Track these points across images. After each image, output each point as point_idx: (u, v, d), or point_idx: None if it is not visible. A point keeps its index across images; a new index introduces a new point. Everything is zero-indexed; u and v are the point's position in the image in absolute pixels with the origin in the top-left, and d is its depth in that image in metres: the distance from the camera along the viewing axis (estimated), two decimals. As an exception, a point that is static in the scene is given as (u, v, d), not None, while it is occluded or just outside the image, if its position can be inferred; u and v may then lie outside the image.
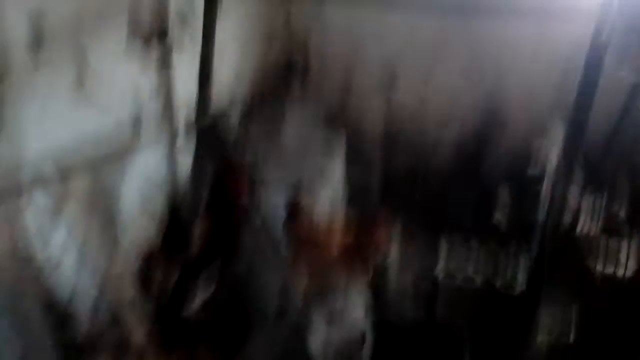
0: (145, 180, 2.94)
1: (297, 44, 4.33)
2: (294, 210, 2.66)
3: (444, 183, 4.16)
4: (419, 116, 4.26)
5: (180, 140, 2.90)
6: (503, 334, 2.53)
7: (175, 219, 3.19)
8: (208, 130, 2.81)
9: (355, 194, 3.89)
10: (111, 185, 2.72)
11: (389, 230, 2.36)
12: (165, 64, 2.98)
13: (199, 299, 2.43)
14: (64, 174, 2.09)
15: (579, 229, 2.55)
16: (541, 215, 2.53)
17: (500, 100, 4.00)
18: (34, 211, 2.27)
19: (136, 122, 2.80)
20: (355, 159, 4.43)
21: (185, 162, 3.10)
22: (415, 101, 4.22)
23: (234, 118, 3.73)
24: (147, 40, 2.82)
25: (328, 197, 3.39)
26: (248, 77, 3.88)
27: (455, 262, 2.88)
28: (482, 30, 3.79)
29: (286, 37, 4.32)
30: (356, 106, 4.40)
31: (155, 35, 2.87)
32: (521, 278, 2.72)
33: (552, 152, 2.34)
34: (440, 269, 2.86)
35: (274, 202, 3.05)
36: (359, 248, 2.42)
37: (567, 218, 2.33)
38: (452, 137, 4.20)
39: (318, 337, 2.55)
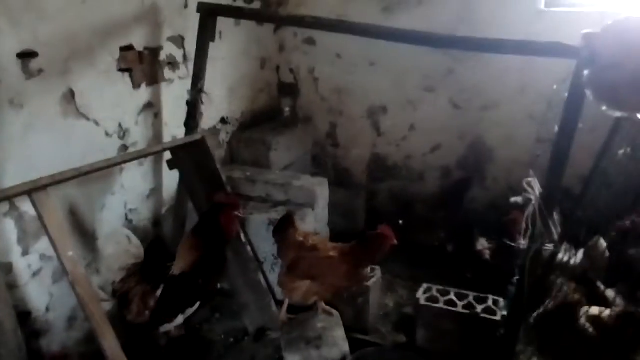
0: (131, 194, 2.93)
1: (289, 67, 4.41)
2: (287, 218, 2.64)
3: (429, 209, 4.19)
4: (407, 143, 4.33)
5: (168, 155, 2.89)
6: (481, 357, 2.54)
7: (159, 234, 3.17)
8: (196, 146, 2.81)
9: (341, 216, 3.91)
10: (96, 197, 2.72)
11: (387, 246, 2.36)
12: (156, 80, 3.01)
13: (180, 317, 2.39)
14: (49, 183, 2.07)
15: (559, 256, 2.58)
16: (523, 243, 2.56)
17: (486, 131, 4.09)
18: (16, 219, 2.25)
19: (124, 135, 2.81)
20: (342, 182, 4.47)
21: (171, 177, 3.12)
22: (403, 128, 4.29)
23: (224, 135, 3.76)
24: (139, 56, 2.85)
25: (314, 218, 3.39)
26: (240, 97, 3.92)
27: (437, 285, 2.88)
28: (470, 62, 3.90)
29: (279, 61, 4.39)
30: (345, 130, 4.47)
31: (148, 52, 2.92)
32: (503, 304, 2.73)
33: (535, 182, 2.37)
34: (422, 291, 2.86)
35: (259, 220, 3.05)
36: (354, 261, 2.41)
37: (548, 246, 2.34)
38: (438, 164, 4.28)
39: (297, 356, 2.52)
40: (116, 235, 2.54)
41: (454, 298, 2.78)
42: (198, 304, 2.42)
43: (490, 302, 2.74)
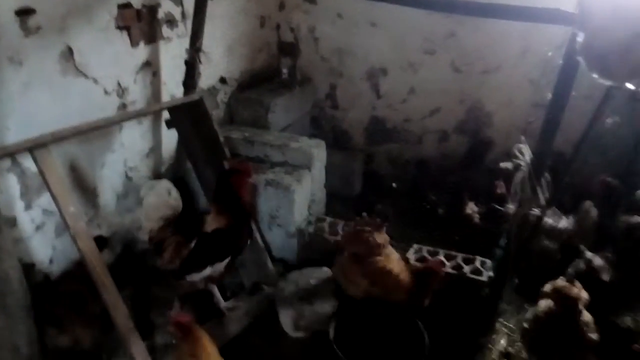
0: (130, 152, 2.98)
1: (289, 26, 4.36)
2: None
3: (425, 171, 4.24)
4: (406, 106, 4.33)
5: (166, 114, 2.93)
6: (466, 317, 2.64)
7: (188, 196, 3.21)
8: (194, 106, 2.84)
9: (338, 178, 3.96)
10: (97, 155, 2.77)
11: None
12: (154, 38, 3.00)
13: (209, 269, 2.48)
14: (50, 140, 2.13)
15: (547, 221, 2.65)
16: (512, 207, 2.62)
17: (485, 95, 4.08)
18: (18, 174, 2.32)
19: (123, 94, 2.84)
20: (340, 144, 4.51)
21: (170, 136, 3.16)
22: (403, 91, 4.29)
23: (222, 95, 3.77)
24: (137, 14, 2.84)
25: (310, 179, 3.44)
26: (239, 56, 3.90)
27: (427, 246, 2.97)
28: (472, 25, 3.85)
29: (279, 19, 4.34)
30: (344, 92, 4.47)
31: (146, 10, 2.90)
32: (489, 265, 2.82)
33: (525, 148, 2.41)
34: (412, 252, 2.95)
35: (257, 180, 3.10)
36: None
37: (535, 211, 2.40)
38: (437, 128, 4.29)
39: (290, 311, 2.64)
40: (158, 187, 2.62)
41: (442, 258, 2.87)
42: (228, 259, 2.53)
43: (477, 263, 2.83)
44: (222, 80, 3.72)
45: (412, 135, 4.40)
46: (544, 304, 2.32)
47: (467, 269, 2.79)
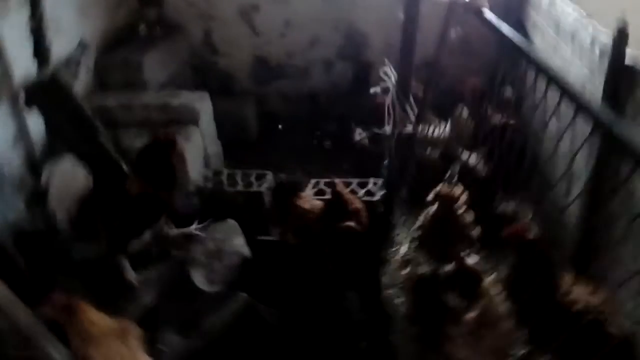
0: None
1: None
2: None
3: (315, 104, 4.29)
4: (285, 40, 4.27)
5: (23, 98, 2.68)
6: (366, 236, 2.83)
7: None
8: (50, 80, 2.63)
9: (231, 126, 3.90)
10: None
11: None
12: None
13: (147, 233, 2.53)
14: None
15: (421, 132, 2.80)
16: (389, 127, 2.75)
17: (358, 17, 4.10)
18: None
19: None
20: (227, 89, 4.40)
21: (38, 117, 2.91)
22: (279, 25, 4.20)
23: (87, 60, 3.49)
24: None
25: (199, 134, 3.38)
26: (95, 15, 3.59)
27: (324, 179, 3.07)
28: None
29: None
30: (221, 35, 4.30)
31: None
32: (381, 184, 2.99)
33: (390, 69, 2.51)
34: (311, 186, 3.04)
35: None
36: None
37: (409, 128, 2.53)
38: (320, 57, 4.29)
39: (201, 270, 2.68)
40: (61, 166, 2.44)
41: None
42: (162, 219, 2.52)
43: (370, 186, 2.98)
44: (81, 44, 3.42)
45: (297, 69, 4.38)
46: (429, 209, 2.53)
47: (361, 192, 2.94)
